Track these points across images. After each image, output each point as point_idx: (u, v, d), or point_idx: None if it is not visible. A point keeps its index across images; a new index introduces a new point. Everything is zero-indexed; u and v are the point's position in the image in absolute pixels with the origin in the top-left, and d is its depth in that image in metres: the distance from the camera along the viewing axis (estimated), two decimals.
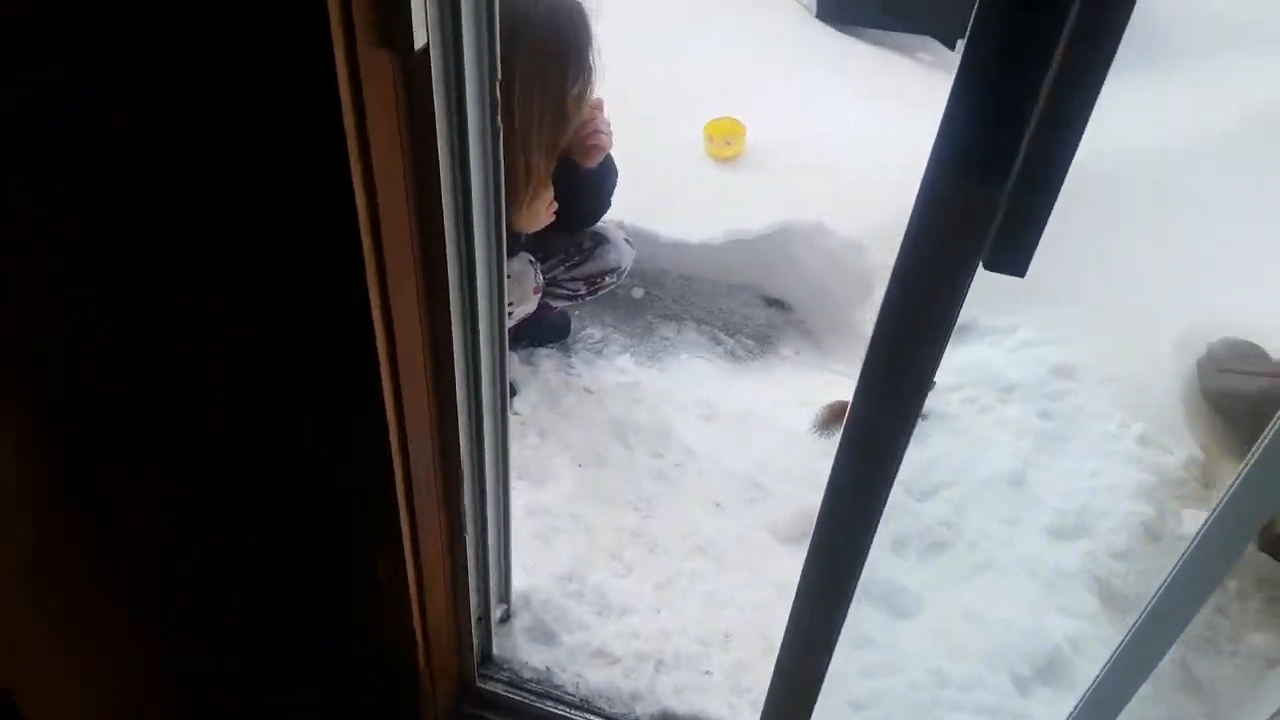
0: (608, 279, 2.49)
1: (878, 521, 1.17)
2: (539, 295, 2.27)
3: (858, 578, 1.27)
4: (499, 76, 1.10)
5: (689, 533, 2.19)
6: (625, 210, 2.77)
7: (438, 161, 1.03)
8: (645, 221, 2.76)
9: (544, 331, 2.69)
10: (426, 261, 1.12)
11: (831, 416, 2.34)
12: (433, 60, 0.96)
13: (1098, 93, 0.76)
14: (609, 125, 2.16)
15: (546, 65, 1.88)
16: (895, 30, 3.83)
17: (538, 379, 2.59)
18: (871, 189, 2.84)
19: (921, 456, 2.34)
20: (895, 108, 3.25)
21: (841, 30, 3.77)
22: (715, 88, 3.28)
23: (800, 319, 2.97)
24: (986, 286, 2.95)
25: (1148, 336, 2.51)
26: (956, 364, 2.55)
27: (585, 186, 2.23)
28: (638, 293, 2.98)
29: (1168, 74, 3.35)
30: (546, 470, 2.30)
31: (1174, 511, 2.13)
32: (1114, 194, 2.82)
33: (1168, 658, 1.96)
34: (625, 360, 2.71)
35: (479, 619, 1.83)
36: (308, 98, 0.89)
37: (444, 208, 1.08)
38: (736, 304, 3.02)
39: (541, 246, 2.39)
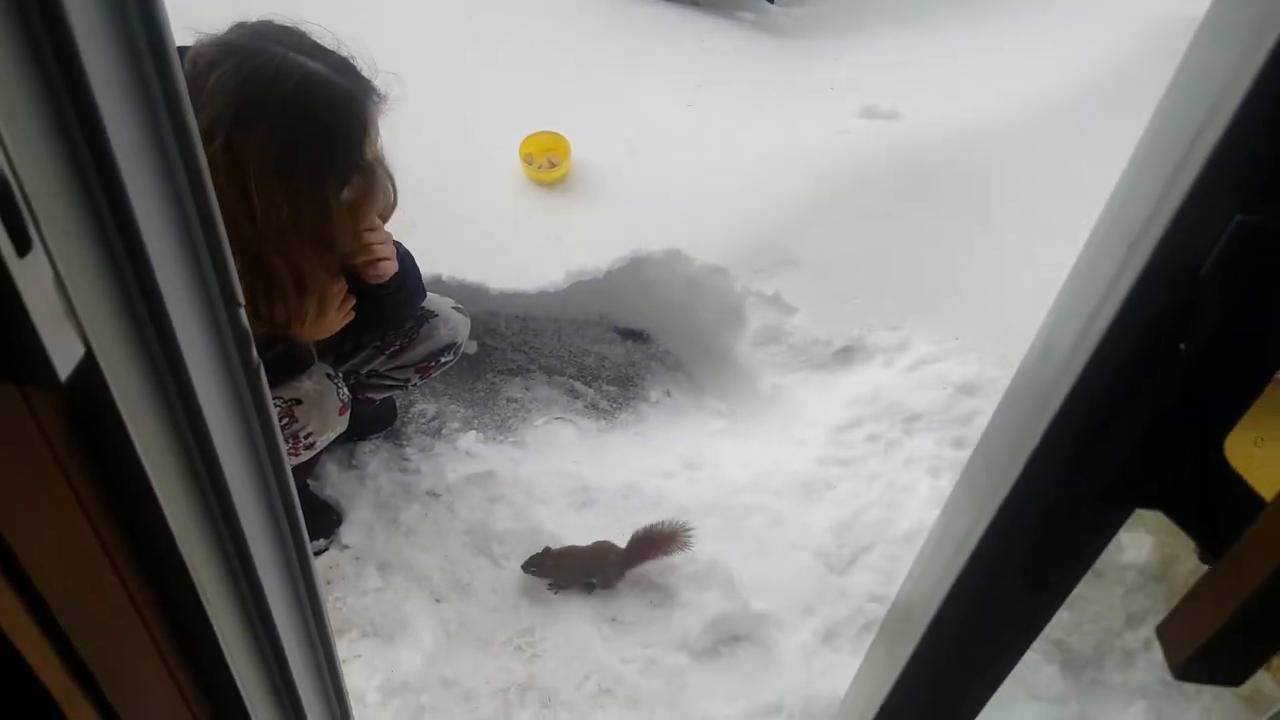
0: (443, 359, 2.00)
1: None
2: (346, 414, 1.76)
3: None
4: (240, 303, 0.62)
5: (588, 670, 1.79)
6: (443, 261, 2.27)
7: (152, 489, 0.55)
8: (469, 272, 2.27)
9: (365, 423, 2.17)
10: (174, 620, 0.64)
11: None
12: (105, 370, 0.48)
13: None
14: (389, 237, 1.63)
15: (291, 153, 1.36)
16: None
17: (367, 488, 2.08)
18: (724, 202, 2.48)
19: (832, 517, 2.04)
20: (728, 91, 2.89)
21: None
22: (522, 93, 2.77)
23: (664, 350, 2.59)
24: (867, 294, 2.60)
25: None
26: (850, 394, 2.26)
27: (378, 297, 1.72)
28: (471, 347, 2.50)
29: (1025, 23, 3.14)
30: (397, 620, 1.83)
31: (1114, 541, 1.93)
32: (992, 171, 2.59)
33: None
34: (470, 439, 2.25)
35: None
36: None
37: (183, 552, 0.60)
38: (588, 342, 2.59)
39: (349, 337, 1.87)
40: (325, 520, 1.96)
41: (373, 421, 2.20)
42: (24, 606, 0.50)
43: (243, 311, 0.66)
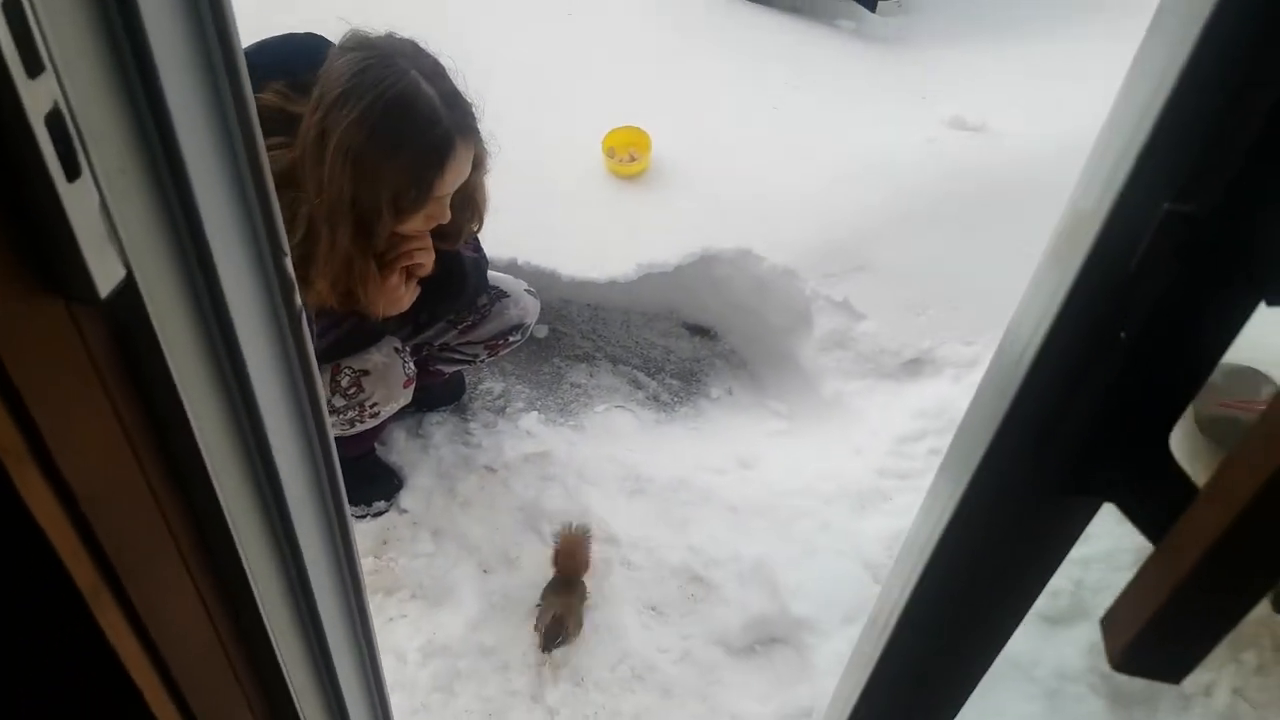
0: (511, 338, 2.07)
1: None
2: (411, 388, 1.83)
3: None
4: (286, 251, 0.67)
5: (623, 654, 1.82)
6: (519, 247, 2.34)
7: (188, 422, 0.60)
8: (543, 259, 2.33)
9: (434, 395, 2.26)
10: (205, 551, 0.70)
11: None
12: (144, 293, 0.53)
13: None
14: (428, 244, 1.66)
15: (367, 146, 1.41)
16: None
17: (429, 457, 2.16)
18: (801, 204, 2.47)
19: (885, 529, 2.02)
20: (819, 95, 2.87)
21: (751, 1, 3.34)
22: (611, 88, 2.81)
23: (729, 349, 2.60)
24: (941, 306, 2.56)
25: None
26: (915, 406, 2.23)
27: (443, 290, 1.80)
28: (541, 331, 2.56)
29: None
30: (445, 585, 1.90)
31: None
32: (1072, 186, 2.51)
33: None
34: (532, 420, 2.30)
35: None
36: None
37: (213, 477, 0.65)
38: (655, 335, 2.63)
39: (424, 311, 1.94)
40: (387, 483, 2.04)
41: (442, 394, 2.28)
42: (59, 503, 0.55)
43: (288, 260, 0.71)
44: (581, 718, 1.70)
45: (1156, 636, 0.40)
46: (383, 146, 1.44)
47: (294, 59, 1.50)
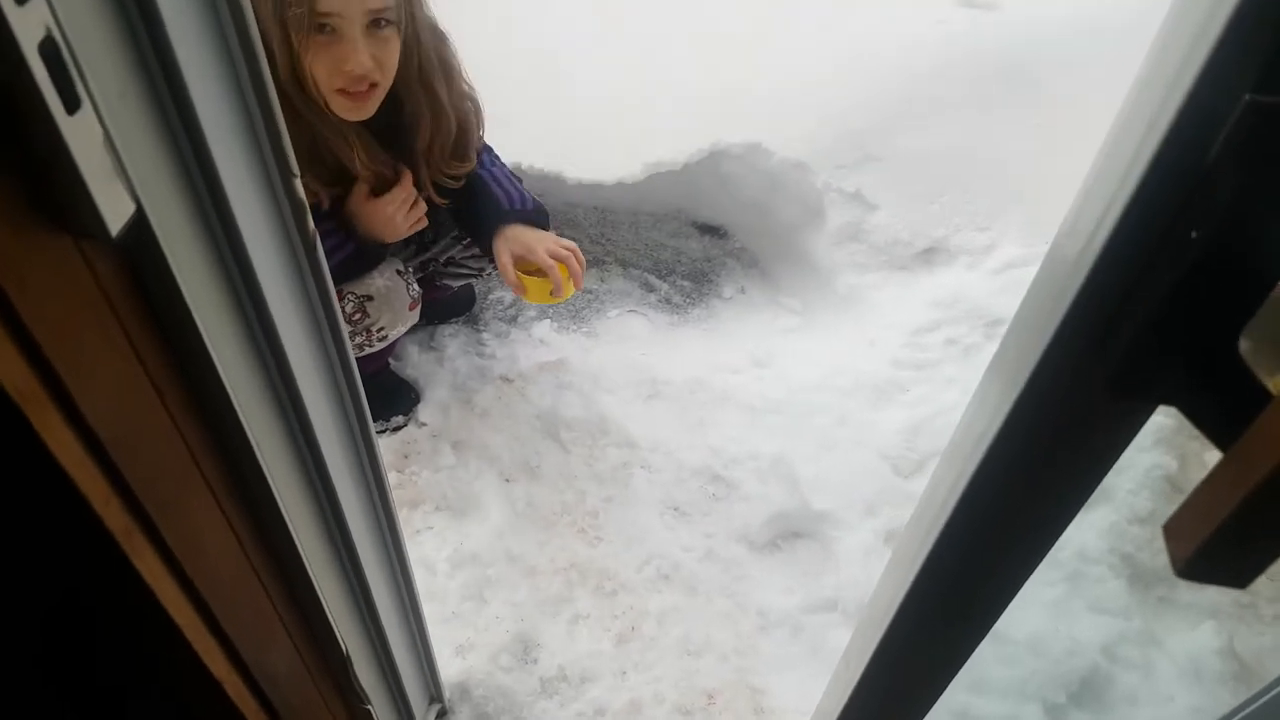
0: None
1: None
2: (417, 309, 1.81)
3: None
4: (295, 172, 0.65)
5: (649, 555, 1.85)
6: (520, 149, 2.28)
7: (209, 355, 0.59)
8: (545, 160, 2.27)
9: (445, 308, 2.24)
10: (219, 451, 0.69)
11: None
12: (156, 227, 0.51)
13: None
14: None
15: None
16: None
17: (444, 370, 2.16)
18: (810, 94, 2.39)
19: (902, 420, 2.02)
20: None
21: None
22: None
23: (740, 247, 2.56)
24: (955, 192, 2.51)
25: None
26: (930, 296, 2.21)
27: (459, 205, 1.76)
28: None
29: None
30: (468, 496, 1.92)
31: (1196, 455, 1.88)
32: (1092, 66, 2.43)
33: (1210, 648, 1.76)
34: (544, 328, 2.29)
35: None
36: None
37: (241, 416, 0.64)
38: (664, 235, 2.59)
39: (429, 228, 1.91)
40: (404, 398, 2.05)
41: (453, 306, 2.26)
42: (85, 449, 0.54)
43: (298, 182, 0.69)
44: (610, 616, 1.74)
45: (1223, 545, 0.39)
46: None
47: None
